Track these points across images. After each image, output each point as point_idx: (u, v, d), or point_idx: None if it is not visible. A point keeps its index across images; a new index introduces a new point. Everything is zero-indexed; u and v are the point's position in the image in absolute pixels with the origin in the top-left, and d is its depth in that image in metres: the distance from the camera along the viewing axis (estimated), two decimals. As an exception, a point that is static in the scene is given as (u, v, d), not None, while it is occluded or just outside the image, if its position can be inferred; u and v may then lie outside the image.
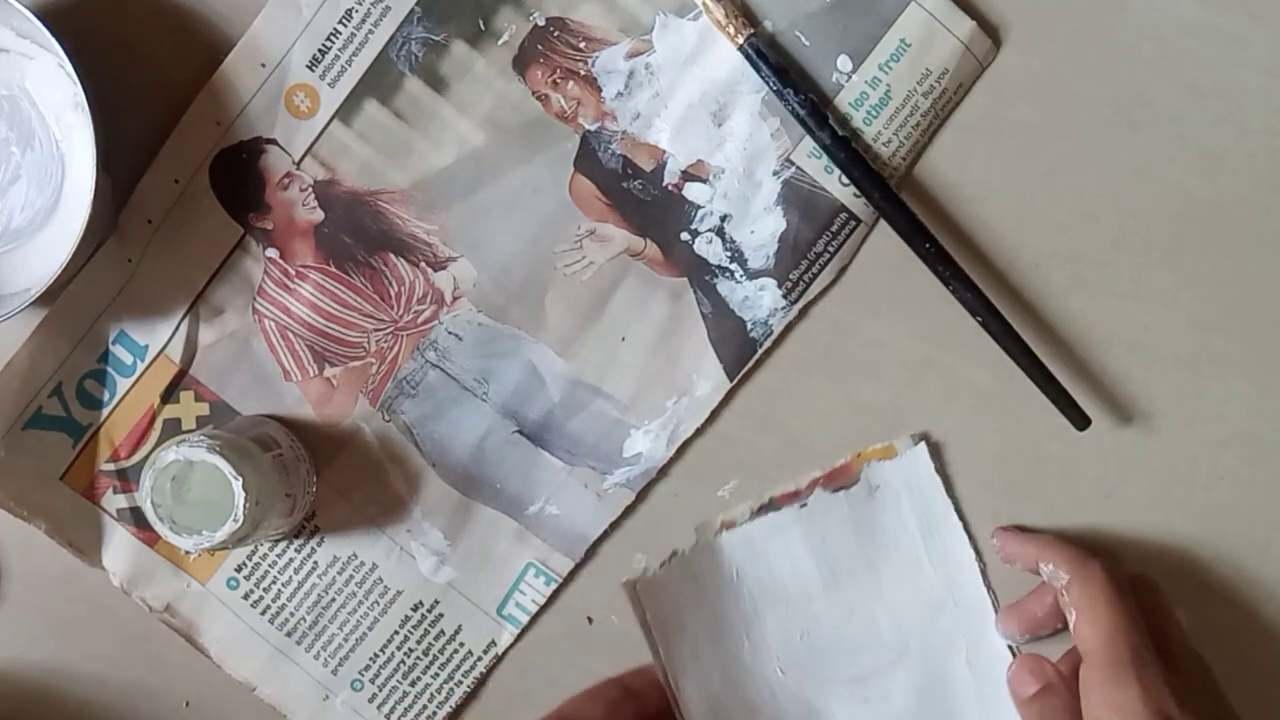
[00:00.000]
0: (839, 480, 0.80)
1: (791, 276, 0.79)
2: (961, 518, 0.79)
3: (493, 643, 0.81)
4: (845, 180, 0.77)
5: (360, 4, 0.78)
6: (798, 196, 0.78)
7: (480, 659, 0.81)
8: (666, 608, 0.79)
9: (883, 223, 0.78)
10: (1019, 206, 0.79)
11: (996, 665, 0.79)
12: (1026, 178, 0.79)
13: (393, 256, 0.79)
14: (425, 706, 0.81)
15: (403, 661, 0.81)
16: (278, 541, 0.80)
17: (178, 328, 0.79)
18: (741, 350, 0.80)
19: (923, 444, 0.79)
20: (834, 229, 0.79)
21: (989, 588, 0.79)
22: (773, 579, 0.79)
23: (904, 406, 0.80)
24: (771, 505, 0.80)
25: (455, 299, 0.80)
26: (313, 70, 0.78)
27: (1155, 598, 0.76)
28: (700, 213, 0.79)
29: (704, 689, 0.78)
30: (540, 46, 0.78)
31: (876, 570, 0.79)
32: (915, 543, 0.79)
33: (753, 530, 0.80)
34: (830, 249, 0.79)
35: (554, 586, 0.80)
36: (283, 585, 0.80)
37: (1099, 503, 0.79)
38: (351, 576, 0.80)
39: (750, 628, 0.79)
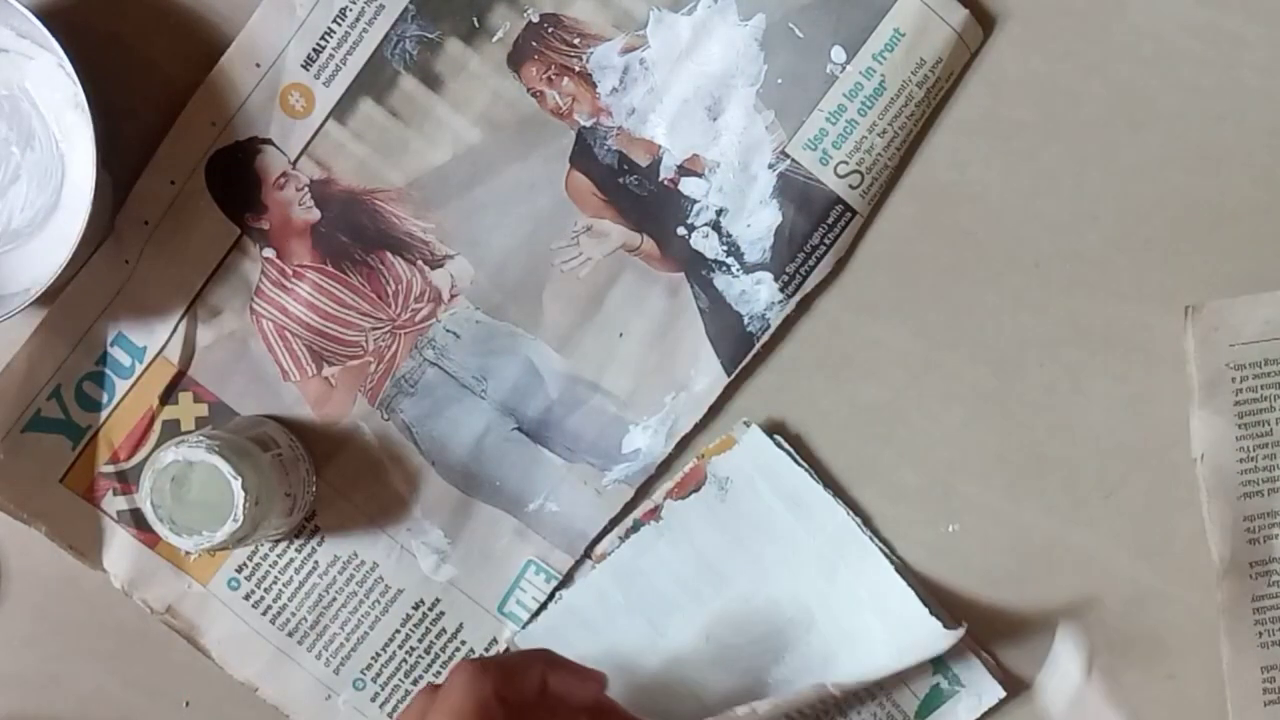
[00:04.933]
0: (689, 485, 0.80)
1: (788, 270, 0.79)
2: (820, 479, 0.79)
3: (494, 640, 0.81)
4: (840, 171, 0.77)
5: (354, 3, 0.77)
6: (793, 189, 0.78)
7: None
8: (555, 649, 0.79)
9: (881, 221, 0.78)
10: (1019, 206, 0.79)
11: (906, 610, 0.79)
12: (1026, 178, 0.79)
13: (390, 255, 0.79)
14: (426, 703, 0.81)
15: (405, 660, 0.81)
16: (278, 541, 0.80)
17: (175, 329, 0.79)
18: (739, 345, 0.79)
19: (755, 426, 0.79)
20: (829, 221, 0.78)
21: (874, 538, 0.79)
22: (658, 594, 0.80)
23: (904, 406, 0.80)
24: (636, 527, 0.80)
25: (453, 297, 0.80)
26: (307, 69, 0.78)
27: None
28: (696, 207, 0.79)
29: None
30: (535, 43, 0.78)
31: (757, 556, 0.80)
32: (785, 519, 0.79)
33: (621, 556, 0.80)
34: (826, 241, 0.78)
35: (554, 584, 0.81)
36: (283, 585, 0.80)
37: (1099, 503, 0.79)
38: (352, 576, 0.81)
39: (655, 644, 0.80)
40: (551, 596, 0.81)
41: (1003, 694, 0.79)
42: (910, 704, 0.80)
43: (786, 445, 0.79)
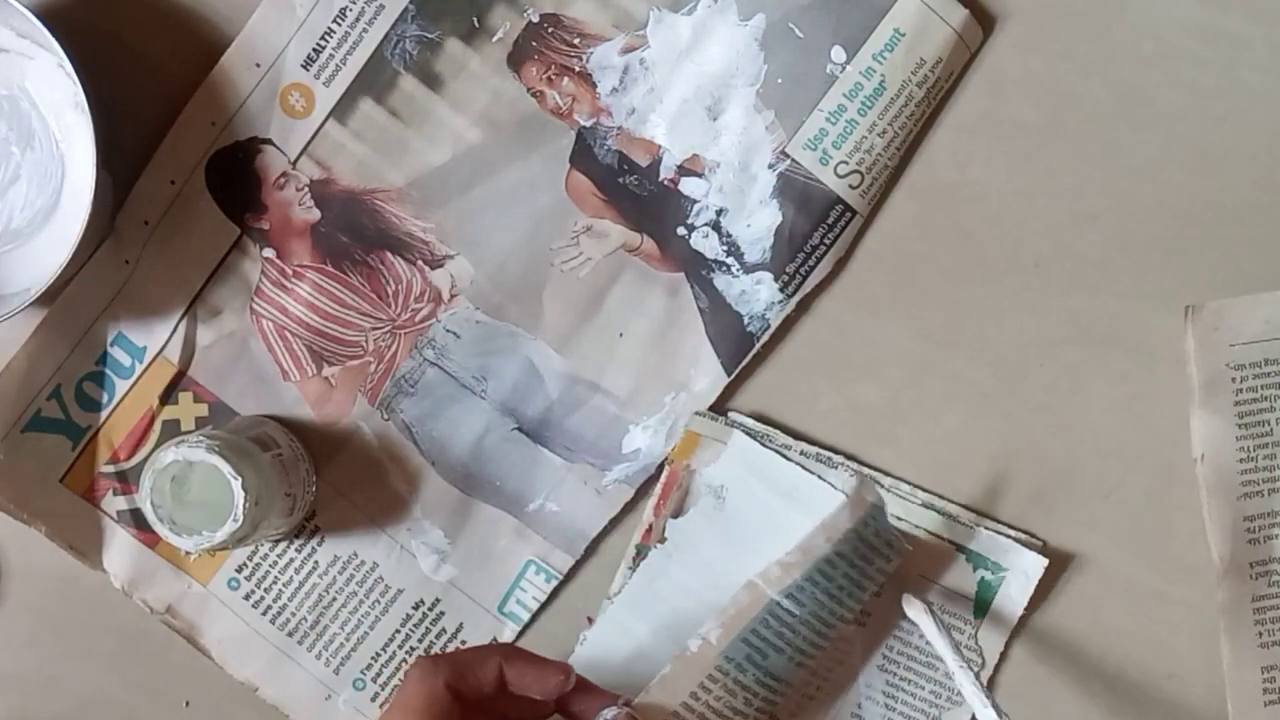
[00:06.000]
0: (671, 493, 0.79)
1: (788, 270, 0.79)
2: (812, 471, 0.79)
3: (494, 640, 0.81)
4: (840, 171, 0.77)
5: (354, 3, 0.78)
6: (793, 189, 0.78)
7: (481, 656, 0.81)
8: None
9: (881, 221, 0.78)
10: (1019, 206, 0.79)
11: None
12: (1026, 178, 0.79)
13: (390, 255, 0.79)
14: (426, 703, 0.81)
15: (405, 660, 0.81)
16: (278, 541, 0.80)
17: (175, 329, 0.79)
18: (739, 345, 0.79)
19: (737, 431, 0.79)
20: (829, 221, 0.78)
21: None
22: (679, 615, 0.79)
23: (904, 406, 0.80)
24: (641, 552, 0.80)
25: (453, 297, 0.80)
26: (307, 69, 0.78)
27: None
28: (696, 207, 0.79)
29: None
30: (535, 43, 0.78)
31: (768, 556, 0.77)
32: (787, 515, 0.78)
33: (635, 586, 0.79)
34: (826, 241, 0.78)
35: (554, 584, 0.81)
36: (283, 585, 0.80)
37: (1099, 503, 0.79)
38: (352, 575, 0.81)
39: None
40: (552, 596, 0.81)
41: (1045, 563, 0.78)
42: (965, 607, 0.79)
43: (772, 444, 0.79)
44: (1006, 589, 0.79)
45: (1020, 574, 0.79)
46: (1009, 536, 0.79)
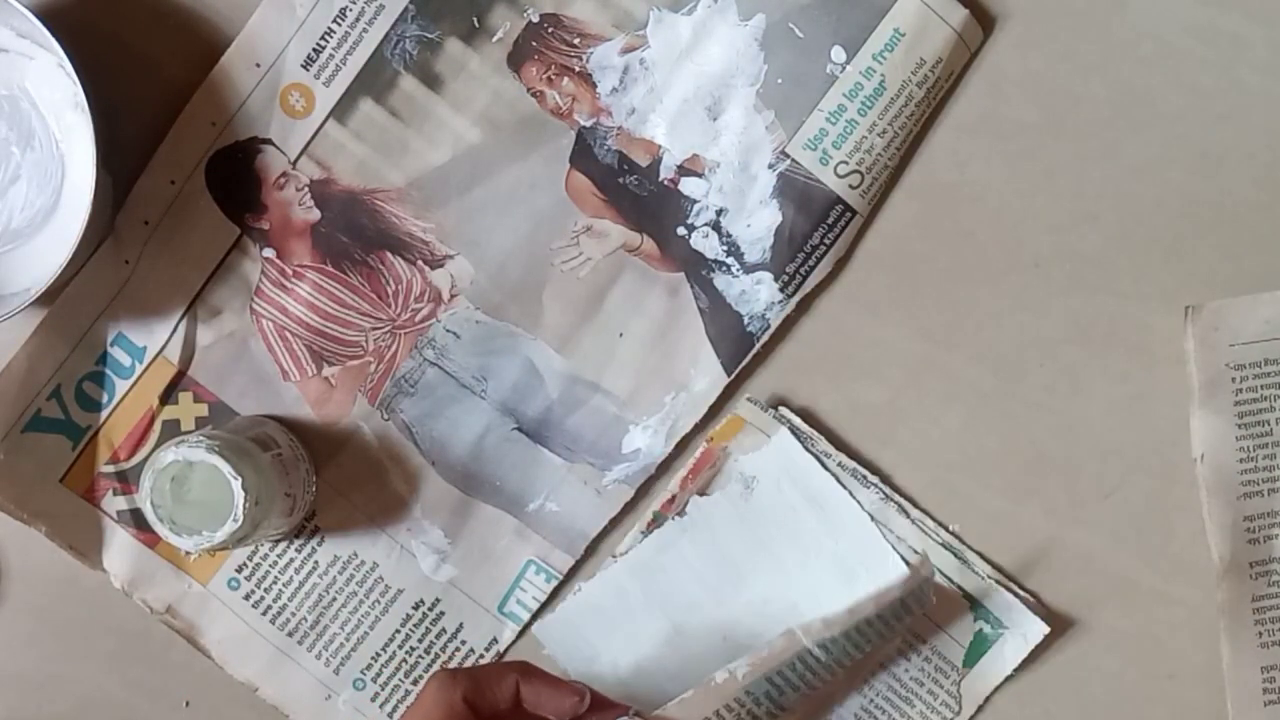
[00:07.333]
0: (702, 470, 0.79)
1: (788, 270, 0.79)
2: (844, 485, 0.79)
3: (494, 640, 0.81)
4: (840, 171, 0.77)
5: (354, 3, 0.78)
6: (793, 189, 0.78)
7: (482, 657, 0.81)
8: (571, 642, 0.80)
9: (881, 221, 0.78)
10: (1019, 206, 0.79)
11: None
12: (1026, 178, 0.79)
13: (390, 255, 0.79)
14: (426, 703, 0.81)
15: (404, 660, 0.81)
16: (278, 541, 0.80)
17: (175, 329, 0.79)
18: (739, 345, 0.79)
19: (783, 427, 0.79)
20: (829, 221, 0.78)
21: (894, 546, 0.79)
22: (678, 591, 0.80)
23: (904, 406, 0.80)
24: (658, 520, 0.80)
25: (453, 297, 0.80)
26: (307, 69, 0.78)
27: None
28: (696, 207, 0.79)
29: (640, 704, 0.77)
30: (535, 43, 0.78)
31: (779, 557, 0.79)
32: (809, 522, 0.79)
33: (643, 551, 0.80)
34: (826, 241, 0.78)
35: (554, 584, 0.81)
36: (283, 585, 0.80)
37: (1099, 503, 0.79)
38: (352, 576, 0.81)
39: (672, 641, 0.79)
40: (552, 597, 0.81)
41: (1046, 630, 0.78)
42: (956, 653, 0.79)
43: (813, 448, 0.79)
44: (1001, 647, 0.79)
45: (1019, 636, 0.79)
46: (1018, 596, 0.78)
